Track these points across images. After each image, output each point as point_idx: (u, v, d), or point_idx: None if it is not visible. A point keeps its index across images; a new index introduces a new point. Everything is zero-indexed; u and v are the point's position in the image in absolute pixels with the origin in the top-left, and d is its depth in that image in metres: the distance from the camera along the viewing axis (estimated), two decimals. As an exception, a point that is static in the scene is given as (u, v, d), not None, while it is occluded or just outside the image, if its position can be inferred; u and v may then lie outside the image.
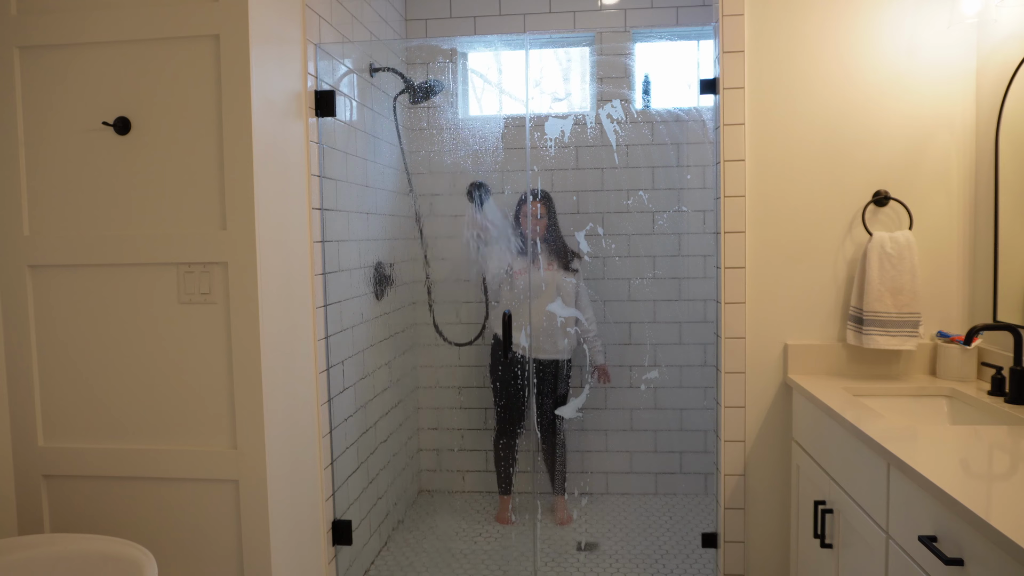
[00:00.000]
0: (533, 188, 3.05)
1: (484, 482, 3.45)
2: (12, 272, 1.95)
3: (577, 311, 3.06)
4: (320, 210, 2.31)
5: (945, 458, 1.40)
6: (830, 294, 2.23)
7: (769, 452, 2.27)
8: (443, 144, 3.34)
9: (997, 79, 2.01)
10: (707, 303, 3.20)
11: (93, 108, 1.90)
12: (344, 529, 2.42)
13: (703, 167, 3.19)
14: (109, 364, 1.94)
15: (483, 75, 3.45)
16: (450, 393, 3.45)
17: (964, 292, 2.18)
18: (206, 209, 1.88)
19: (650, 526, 3.10)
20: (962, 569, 1.20)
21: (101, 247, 1.91)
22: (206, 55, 1.85)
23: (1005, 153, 1.98)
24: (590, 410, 3.34)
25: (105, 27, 1.87)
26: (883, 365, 2.20)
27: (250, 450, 1.89)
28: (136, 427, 1.95)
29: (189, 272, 1.89)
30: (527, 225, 2.98)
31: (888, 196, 2.17)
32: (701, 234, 3.23)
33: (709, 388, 2.48)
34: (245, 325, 1.87)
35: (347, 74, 2.58)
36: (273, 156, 1.97)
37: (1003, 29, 1.99)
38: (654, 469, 3.39)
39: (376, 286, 2.90)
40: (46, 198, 1.94)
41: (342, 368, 2.50)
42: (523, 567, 2.78)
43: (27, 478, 1.98)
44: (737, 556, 2.31)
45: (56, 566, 1.68)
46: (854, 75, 2.17)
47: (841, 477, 1.77)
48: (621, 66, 3.29)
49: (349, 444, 2.56)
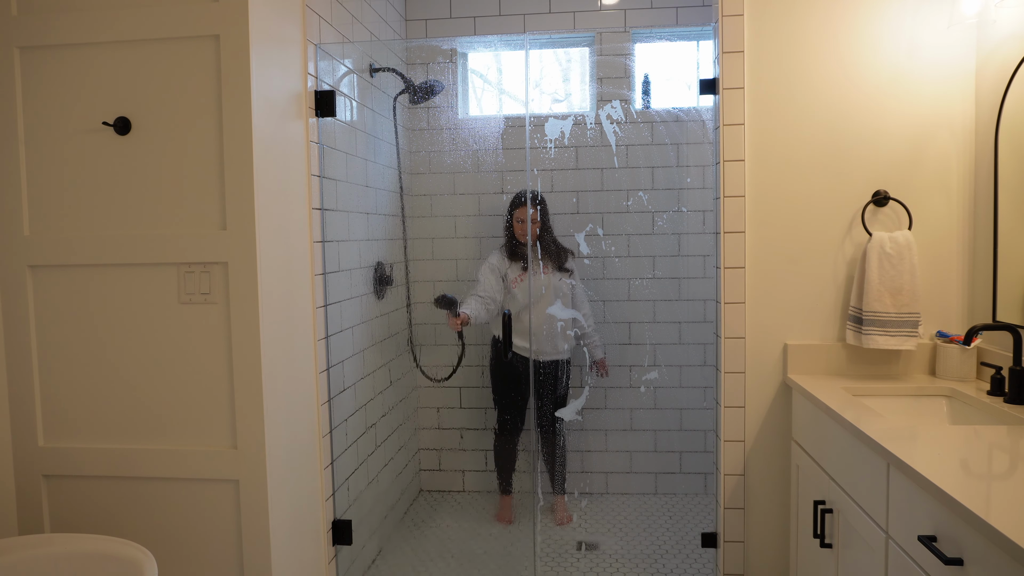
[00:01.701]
0: (522, 191, 3.02)
1: (484, 482, 3.45)
2: (12, 272, 1.95)
3: (576, 311, 3.06)
4: (320, 210, 2.31)
5: (945, 458, 1.40)
6: (830, 294, 2.23)
7: (769, 452, 2.28)
8: (443, 144, 3.34)
9: (997, 79, 2.02)
10: (707, 303, 3.20)
11: (93, 108, 1.90)
12: (344, 529, 2.42)
13: (703, 167, 3.19)
14: (109, 364, 1.94)
15: (483, 75, 3.45)
16: (450, 393, 3.45)
17: (963, 292, 2.18)
18: (206, 209, 1.88)
19: (650, 526, 3.10)
20: (962, 569, 1.20)
21: (101, 247, 1.91)
22: (206, 55, 1.85)
23: (1004, 153, 1.98)
24: (590, 410, 3.34)
25: (105, 27, 1.87)
26: (883, 365, 2.20)
27: (250, 450, 1.89)
28: (136, 427, 1.95)
29: (189, 272, 1.89)
30: (521, 229, 2.97)
31: (888, 196, 2.17)
32: (701, 234, 3.23)
33: (709, 388, 2.48)
34: (245, 325, 1.87)
35: (347, 74, 2.58)
36: (273, 156, 1.97)
37: (1003, 29, 1.99)
38: (654, 469, 3.39)
39: (376, 286, 2.90)
40: (46, 198, 1.94)
41: (342, 368, 2.50)
42: (523, 567, 2.78)
43: (27, 478, 1.98)
44: (737, 556, 2.31)
45: (56, 566, 1.68)
46: (854, 75, 2.17)
47: (841, 477, 1.77)
48: (621, 66, 3.30)
49: (349, 444, 2.56)
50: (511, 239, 3.01)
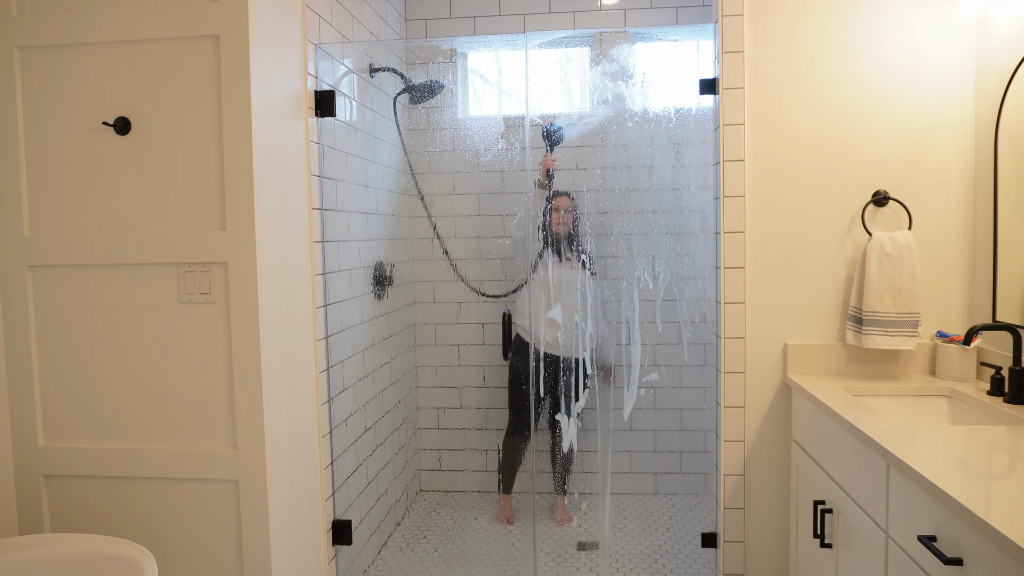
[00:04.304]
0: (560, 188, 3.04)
1: (484, 482, 3.45)
2: (12, 272, 1.95)
3: (599, 311, 3.08)
4: (320, 210, 2.31)
5: (945, 458, 1.40)
6: (830, 294, 2.23)
7: (769, 452, 2.28)
8: (443, 144, 3.34)
9: (996, 79, 2.02)
10: (707, 303, 3.20)
11: (93, 108, 1.90)
12: (344, 529, 2.42)
13: (703, 167, 3.19)
14: (109, 364, 1.94)
15: (483, 75, 3.45)
16: (450, 393, 3.45)
17: (963, 292, 2.18)
18: (206, 209, 1.88)
19: (650, 526, 3.10)
20: (961, 569, 1.20)
21: (101, 247, 1.91)
22: (206, 55, 1.85)
23: (1004, 153, 1.98)
24: (590, 410, 3.34)
25: (105, 27, 1.87)
26: (883, 365, 2.20)
27: (250, 450, 1.89)
28: (136, 427, 1.95)
29: (189, 272, 1.89)
30: (557, 220, 2.98)
31: (887, 196, 2.17)
32: (701, 234, 3.23)
33: (709, 388, 2.48)
34: (245, 325, 1.87)
35: (347, 74, 2.58)
36: (273, 156, 1.97)
37: (1002, 30, 1.99)
38: (654, 469, 3.39)
39: (376, 286, 2.90)
40: (46, 198, 1.94)
41: (342, 368, 2.50)
42: (523, 567, 2.78)
43: (27, 478, 1.98)
44: (737, 556, 2.31)
45: (56, 566, 1.68)
46: (854, 75, 2.17)
47: (841, 477, 1.77)
48: (621, 66, 3.29)
49: (349, 444, 2.56)
50: (546, 228, 3.02)
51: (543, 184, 2.96)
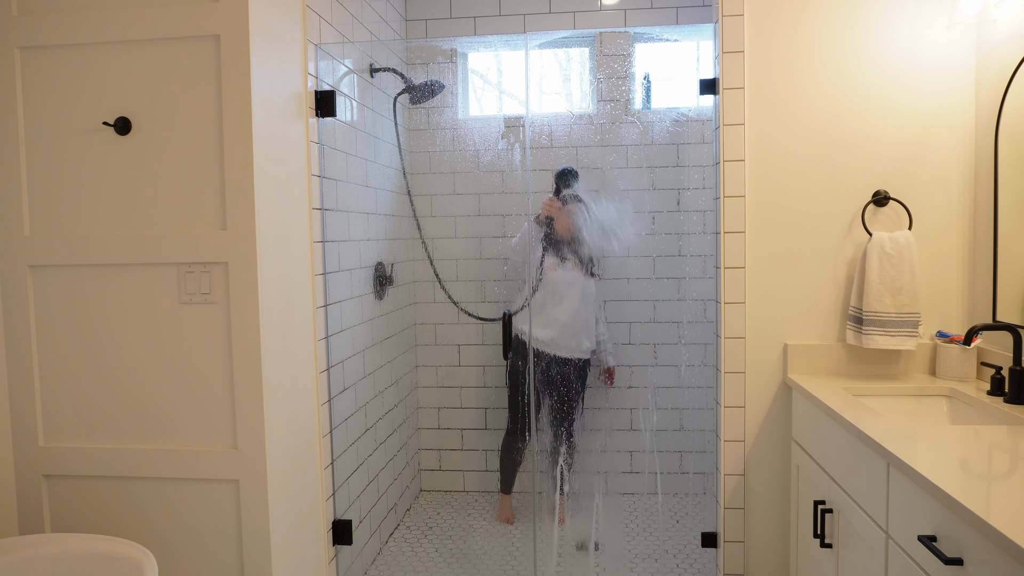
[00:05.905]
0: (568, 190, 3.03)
1: (484, 482, 3.45)
2: (12, 272, 1.95)
3: (599, 312, 3.08)
4: (320, 210, 2.31)
5: (945, 458, 1.40)
6: (830, 294, 2.23)
7: (769, 452, 2.28)
8: (443, 144, 3.34)
9: (996, 79, 2.02)
10: (707, 303, 3.20)
11: (93, 108, 1.90)
12: (344, 529, 2.42)
13: (703, 167, 3.19)
14: (109, 364, 1.94)
15: (483, 75, 3.45)
16: (450, 393, 3.45)
17: (964, 292, 2.18)
18: (206, 209, 1.88)
19: (650, 526, 3.10)
20: (961, 569, 1.20)
21: (101, 247, 1.91)
22: (206, 55, 1.85)
23: (1004, 153, 1.98)
24: (590, 410, 3.34)
25: (105, 27, 1.87)
26: (883, 365, 2.20)
27: (250, 450, 1.90)
28: (136, 427, 1.95)
29: (189, 272, 1.89)
30: (563, 221, 2.97)
31: (888, 196, 2.17)
32: (701, 234, 3.23)
33: (709, 388, 2.48)
34: (245, 325, 1.87)
35: (347, 74, 2.58)
36: (273, 156, 1.97)
37: (1002, 29, 1.99)
38: (654, 469, 3.39)
39: (376, 286, 2.90)
40: (46, 198, 1.94)
41: (342, 368, 2.50)
42: (523, 567, 2.78)
43: (27, 478, 1.98)
44: (737, 556, 2.31)
45: (56, 566, 1.68)
46: (854, 75, 2.17)
47: (841, 477, 1.77)
48: (621, 67, 3.29)
49: (349, 444, 2.56)
50: (550, 228, 3.01)
51: (541, 222, 2.95)
